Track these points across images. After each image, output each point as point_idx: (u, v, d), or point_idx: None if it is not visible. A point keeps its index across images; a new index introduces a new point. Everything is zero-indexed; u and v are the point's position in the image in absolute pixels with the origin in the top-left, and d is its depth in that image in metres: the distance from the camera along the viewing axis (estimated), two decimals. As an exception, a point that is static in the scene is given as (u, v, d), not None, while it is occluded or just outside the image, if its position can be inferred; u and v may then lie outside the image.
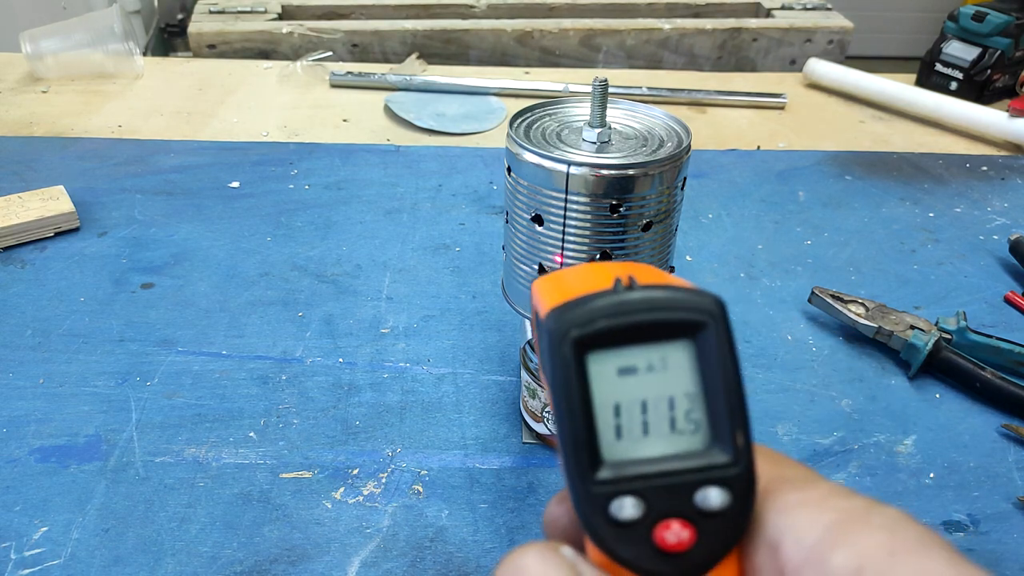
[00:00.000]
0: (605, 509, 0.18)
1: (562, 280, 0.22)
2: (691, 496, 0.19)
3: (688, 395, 0.19)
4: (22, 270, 0.62)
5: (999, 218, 0.74)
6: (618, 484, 0.19)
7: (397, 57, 1.18)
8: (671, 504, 0.19)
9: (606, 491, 0.18)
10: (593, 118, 0.36)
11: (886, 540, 0.17)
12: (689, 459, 0.19)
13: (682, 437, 0.19)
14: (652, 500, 0.19)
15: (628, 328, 0.19)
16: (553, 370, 0.19)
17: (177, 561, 0.40)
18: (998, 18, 0.93)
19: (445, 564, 0.41)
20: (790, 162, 0.84)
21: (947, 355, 0.53)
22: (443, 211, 0.73)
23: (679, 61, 1.22)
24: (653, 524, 0.18)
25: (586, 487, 0.19)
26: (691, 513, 0.19)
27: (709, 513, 0.18)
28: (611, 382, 0.19)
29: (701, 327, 0.19)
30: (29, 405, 0.49)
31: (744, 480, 0.19)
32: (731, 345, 0.19)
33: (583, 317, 0.19)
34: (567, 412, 0.19)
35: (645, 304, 0.19)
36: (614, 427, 0.19)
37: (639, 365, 0.19)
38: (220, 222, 0.70)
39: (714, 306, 0.19)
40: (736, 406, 0.19)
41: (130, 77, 1.01)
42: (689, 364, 0.19)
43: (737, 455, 0.19)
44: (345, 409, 0.50)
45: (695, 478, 0.19)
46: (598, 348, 0.19)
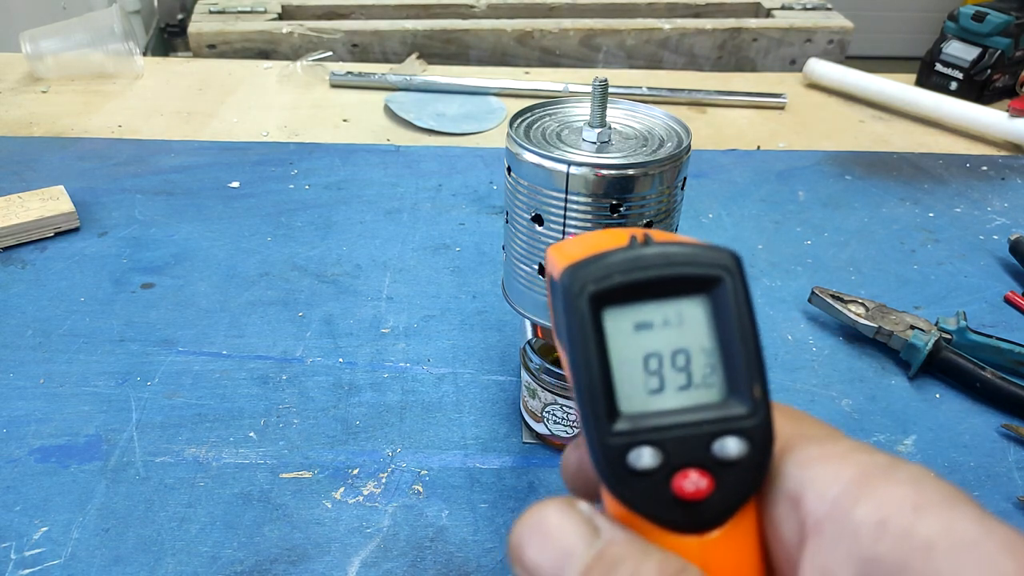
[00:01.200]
0: (623, 459, 0.19)
1: (577, 242, 0.22)
2: (708, 446, 0.19)
3: (704, 349, 0.20)
4: (22, 270, 0.62)
5: (999, 218, 0.74)
6: (636, 435, 0.19)
7: (397, 57, 1.18)
8: (689, 454, 0.19)
9: (623, 442, 0.19)
10: (593, 118, 0.36)
11: (911, 494, 0.17)
12: (706, 411, 0.19)
13: (698, 390, 0.20)
14: (670, 450, 0.19)
15: (644, 283, 0.19)
16: (569, 326, 0.19)
17: (177, 561, 0.40)
18: (998, 18, 0.93)
19: (445, 564, 0.41)
20: (790, 162, 0.84)
21: (947, 355, 0.53)
22: (443, 211, 0.73)
23: (679, 61, 1.22)
24: (671, 474, 0.19)
25: (603, 438, 0.19)
26: (709, 463, 0.19)
27: (727, 463, 0.19)
28: (627, 337, 0.19)
29: (717, 282, 0.19)
30: (29, 405, 0.49)
31: (762, 431, 0.19)
32: (747, 299, 0.19)
33: (599, 273, 0.19)
34: (584, 366, 0.19)
35: (661, 259, 0.19)
36: (631, 381, 0.19)
37: (655, 320, 0.19)
38: (220, 222, 0.70)
39: (730, 261, 0.19)
40: (753, 359, 0.19)
41: (130, 77, 1.01)
42: (705, 319, 0.20)
43: (755, 406, 0.19)
44: (345, 409, 0.50)
45: (713, 428, 0.19)
46: (614, 304, 0.19)
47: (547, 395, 0.44)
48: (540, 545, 0.18)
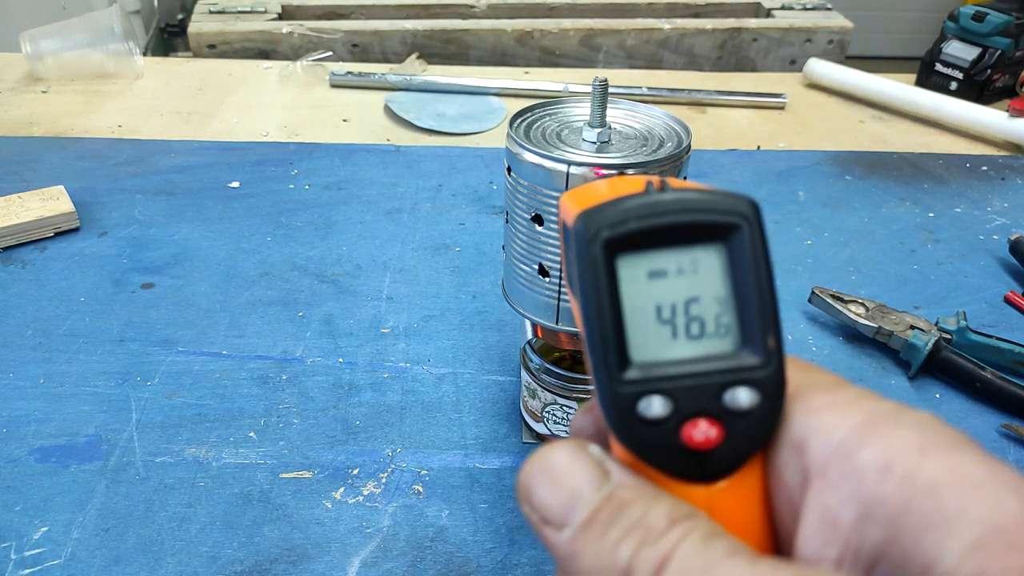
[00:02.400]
0: (633, 408, 0.18)
1: (592, 189, 0.22)
2: (720, 396, 0.19)
3: (718, 299, 0.19)
4: (22, 270, 0.62)
5: (999, 218, 0.74)
6: (646, 383, 0.19)
7: (397, 57, 1.18)
8: (699, 403, 0.19)
9: (634, 390, 0.18)
10: (593, 118, 0.36)
11: (916, 438, 0.17)
12: (718, 360, 0.19)
13: (711, 340, 0.19)
14: (680, 399, 0.19)
15: (659, 230, 0.19)
16: (582, 272, 0.19)
17: (177, 561, 0.40)
18: (998, 18, 0.93)
19: (445, 564, 0.41)
20: (790, 162, 0.84)
21: (947, 355, 0.53)
22: (443, 211, 0.73)
23: (679, 61, 1.22)
24: (680, 423, 0.18)
25: (613, 386, 0.18)
26: (719, 412, 0.19)
27: (737, 413, 0.19)
28: (641, 285, 0.19)
29: (735, 229, 0.19)
30: (29, 405, 0.49)
31: (774, 381, 0.19)
32: (765, 249, 0.19)
33: (614, 218, 0.18)
34: (596, 313, 0.19)
35: (678, 205, 0.19)
36: (643, 330, 0.19)
37: (669, 268, 0.19)
38: (220, 222, 0.70)
39: (749, 208, 0.19)
40: (768, 310, 0.19)
41: (130, 77, 1.01)
42: (720, 268, 0.19)
43: (768, 357, 0.19)
44: (345, 409, 0.50)
45: (724, 378, 0.19)
46: (628, 251, 0.19)
47: (547, 395, 0.44)
48: (549, 486, 0.18)
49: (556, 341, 0.41)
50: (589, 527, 0.17)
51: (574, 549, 0.17)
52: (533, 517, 0.18)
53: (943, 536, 0.15)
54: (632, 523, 0.17)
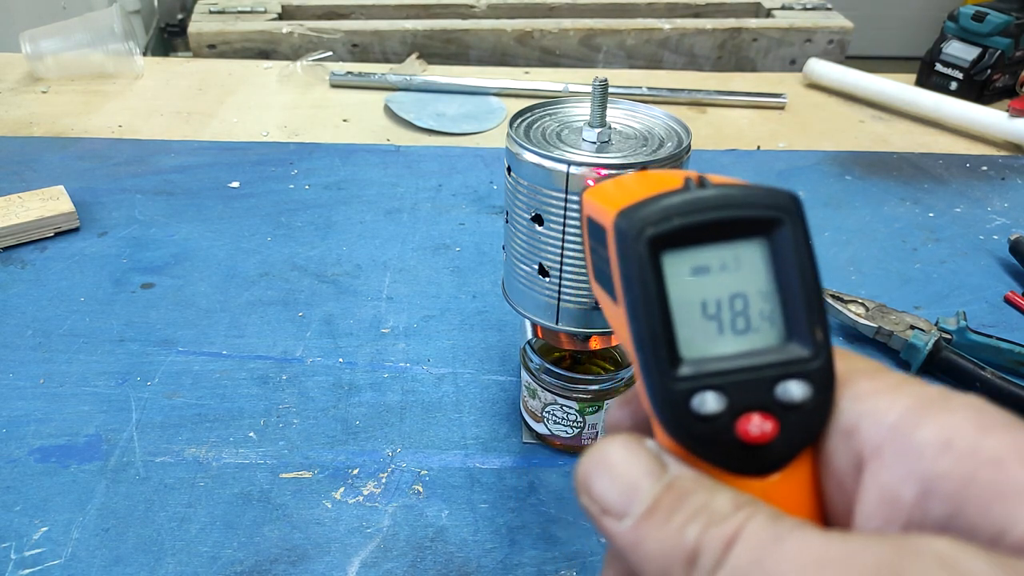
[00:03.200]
0: (686, 404, 0.18)
1: (620, 186, 0.22)
2: (772, 390, 0.19)
3: (762, 293, 0.19)
4: (22, 270, 0.62)
5: (999, 218, 0.74)
6: (699, 379, 0.19)
7: (397, 57, 1.18)
8: (753, 397, 0.19)
9: (687, 387, 0.19)
10: (593, 118, 0.36)
11: (972, 417, 0.17)
12: (768, 354, 0.19)
13: (757, 334, 0.19)
14: (733, 394, 0.19)
15: (703, 226, 0.19)
16: (627, 271, 0.19)
17: (177, 561, 0.40)
18: (998, 18, 0.93)
19: (445, 564, 0.41)
20: (790, 162, 0.84)
21: (947, 355, 0.53)
22: (443, 211, 0.73)
23: (679, 61, 1.22)
24: (735, 418, 0.19)
25: (666, 383, 0.19)
26: (772, 406, 0.19)
27: (790, 406, 0.19)
28: (685, 281, 0.19)
29: (778, 224, 0.19)
30: (29, 405, 0.49)
31: (825, 373, 0.19)
32: (808, 242, 0.19)
33: (657, 215, 0.19)
34: (644, 311, 0.19)
35: (722, 201, 0.19)
36: (689, 326, 0.19)
37: (712, 264, 0.19)
38: (220, 222, 0.70)
39: (790, 202, 0.19)
40: (814, 302, 0.19)
41: (130, 77, 1.01)
42: (762, 262, 0.19)
43: (817, 349, 0.19)
44: (345, 409, 0.50)
45: (776, 372, 0.19)
46: (672, 248, 0.19)
47: (547, 395, 0.44)
48: (608, 478, 0.19)
49: (556, 341, 0.41)
50: (652, 514, 0.18)
51: (637, 536, 0.18)
52: (593, 508, 0.19)
53: (1013, 505, 0.15)
54: (697, 508, 0.17)
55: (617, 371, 0.44)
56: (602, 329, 0.39)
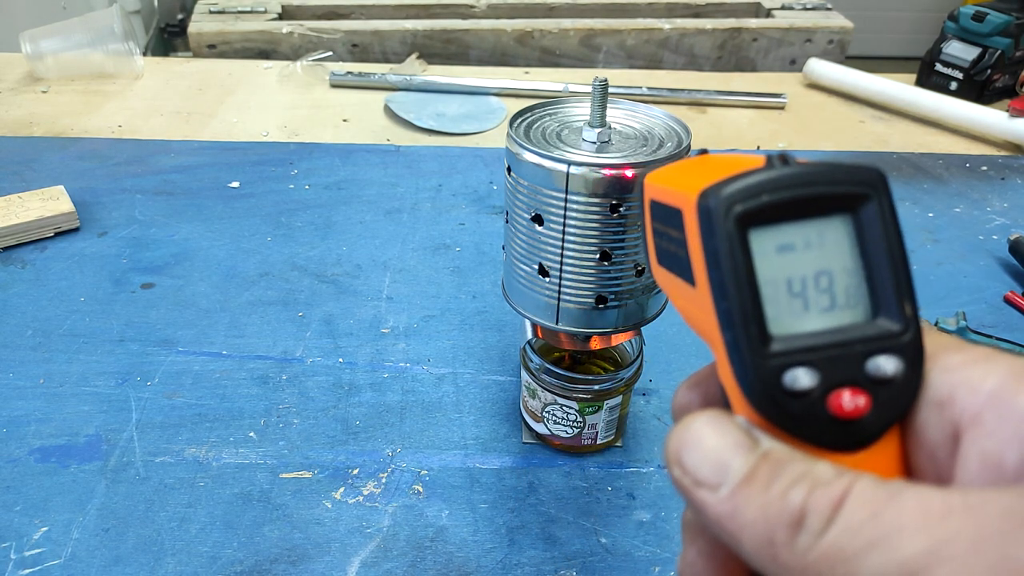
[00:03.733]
0: (778, 382, 0.19)
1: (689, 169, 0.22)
2: (863, 365, 0.19)
3: (846, 269, 0.20)
4: (22, 270, 0.62)
5: (999, 218, 0.74)
6: (791, 356, 0.19)
7: (397, 57, 1.18)
8: (844, 373, 0.19)
9: (779, 363, 0.19)
10: (593, 118, 0.36)
11: None
12: (857, 330, 0.19)
13: (843, 311, 0.20)
14: (825, 370, 0.19)
15: (791, 203, 0.19)
16: (715, 249, 0.19)
17: (177, 561, 0.40)
18: (998, 18, 0.93)
19: (445, 564, 0.41)
20: (790, 162, 0.84)
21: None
22: (443, 211, 0.73)
23: (679, 61, 1.22)
24: (826, 393, 0.19)
25: (758, 361, 0.19)
26: (864, 381, 0.19)
27: (882, 380, 0.19)
28: (772, 259, 0.19)
29: (864, 199, 0.19)
30: (29, 405, 0.49)
31: (915, 347, 0.19)
32: (895, 217, 0.19)
33: (745, 192, 0.19)
34: (735, 288, 0.19)
35: (810, 178, 0.19)
36: (777, 303, 0.19)
37: (797, 242, 0.19)
38: (220, 222, 0.70)
39: (877, 178, 0.19)
40: (903, 277, 0.19)
41: (130, 77, 1.01)
42: (847, 239, 0.20)
43: (906, 323, 0.19)
44: (345, 409, 0.50)
45: (867, 347, 0.19)
46: (759, 225, 0.19)
47: (547, 395, 0.44)
48: (700, 450, 0.19)
49: (556, 341, 0.41)
50: (750, 482, 0.18)
51: (734, 504, 0.18)
52: (685, 480, 0.19)
53: None
54: (798, 475, 0.17)
55: (617, 371, 0.44)
56: (602, 329, 0.39)
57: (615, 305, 0.38)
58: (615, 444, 0.48)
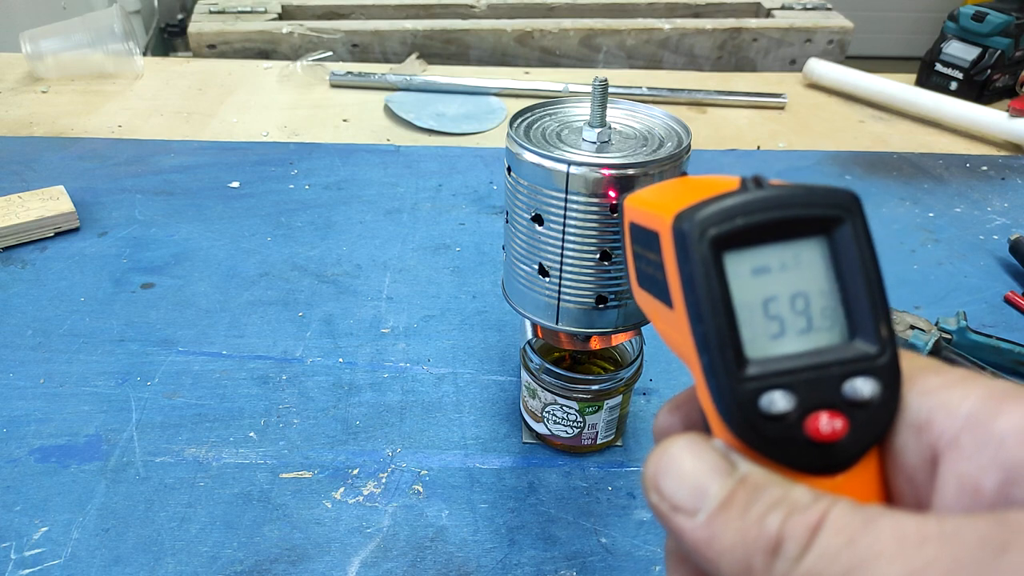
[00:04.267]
0: (755, 405, 0.18)
1: (667, 191, 0.22)
2: (840, 387, 0.19)
3: (822, 291, 0.20)
4: (22, 270, 0.62)
5: (999, 218, 0.74)
6: (767, 379, 0.19)
7: (397, 57, 1.18)
8: (821, 396, 0.19)
9: (755, 387, 0.18)
10: (593, 118, 0.36)
11: None
12: (833, 352, 0.19)
13: (820, 333, 0.19)
14: (802, 393, 0.19)
15: (765, 225, 0.19)
16: (690, 272, 0.19)
17: (177, 561, 0.40)
18: (998, 18, 0.93)
19: (445, 564, 0.41)
20: (790, 162, 0.84)
21: (947, 355, 0.53)
22: (443, 211, 0.73)
23: (679, 61, 1.22)
24: (803, 416, 0.19)
25: (733, 384, 0.19)
26: (841, 404, 0.19)
27: (859, 403, 0.19)
28: (747, 281, 0.19)
29: (838, 222, 0.19)
30: (29, 405, 0.49)
31: (891, 369, 0.19)
32: (869, 239, 0.19)
33: (719, 216, 0.19)
34: (710, 312, 0.19)
35: (783, 200, 0.19)
36: (753, 326, 0.19)
37: (772, 264, 0.19)
38: (220, 222, 0.70)
39: (851, 201, 0.19)
40: (879, 299, 0.19)
41: (130, 77, 1.01)
42: (822, 261, 0.20)
43: (883, 346, 0.19)
44: (345, 409, 0.50)
45: (843, 370, 0.19)
46: (733, 248, 0.19)
47: (547, 395, 0.44)
48: (678, 475, 0.19)
49: (556, 341, 0.41)
50: (727, 507, 0.18)
51: (711, 530, 0.18)
52: (662, 506, 0.19)
53: None
54: (774, 500, 0.17)
55: (617, 371, 0.44)
56: (602, 329, 0.39)
57: (615, 305, 0.38)
58: (615, 444, 0.48)
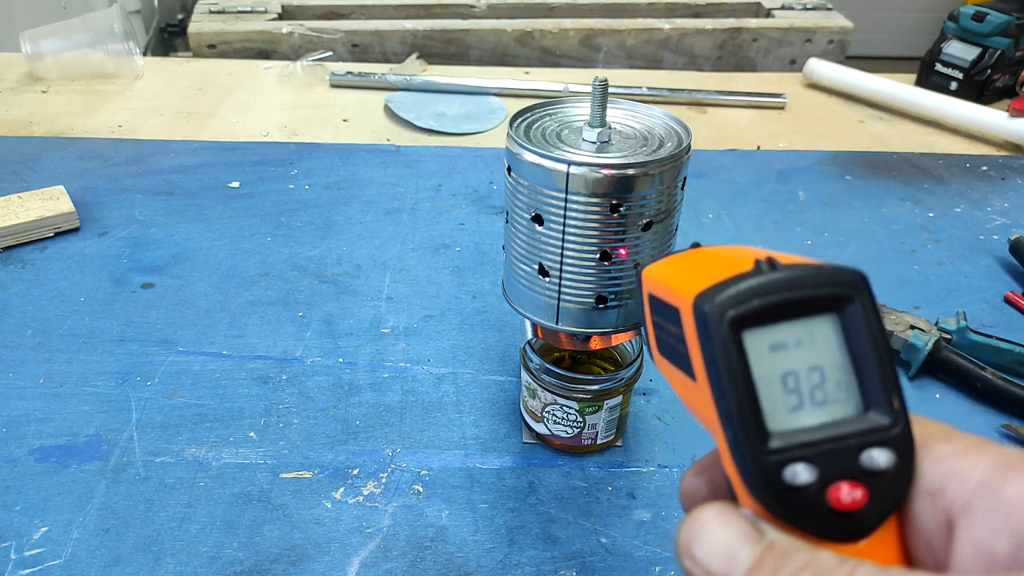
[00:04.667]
0: (779, 477, 0.19)
1: (684, 265, 0.23)
2: (857, 458, 0.20)
3: (836, 365, 0.21)
4: (22, 270, 0.62)
5: (999, 218, 0.74)
6: (789, 452, 0.20)
7: (397, 57, 1.18)
8: (840, 467, 0.20)
9: (778, 459, 0.19)
10: (593, 118, 0.36)
11: None
12: (850, 424, 0.20)
13: (836, 405, 0.20)
14: (822, 464, 0.20)
15: (780, 305, 0.20)
16: (713, 351, 0.20)
17: (177, 561, 0.40)
18: (998, 18, 0.93)
19: (445, 564, 0.41)
20: (790, 162, 0.84)
21: (947, 355, 0.53)
22: (443, 211, 0.73)
23: (679, 61, 1.22)
24: (825, 487, 0.20)
25: (758, 458, 0.20)
26: (859, 474, 0.20)
27: (876, 473, 0.20)
28: (765, 357, 0.20)
29: (848, 300, 0.20)
30: (29, 405, 0.49)
31: (905, 439, 0.20)
32: (878, 315, 0.20)
33: (737, 298, 0.20)
34: (732, 388, 0.20)
35: (795, 282, 0.20)
36: (773, 400, 0.20)
37: (788, 340, 0.20)
38: (220, 222, 0.70)
39: (858, 280, 0.20)
40: (888, 372, 0.20)
41: (130, 77, 1.01)
42: (835, 336, 0.21)
43: (895, 417, 0.20)
44: (345, 409, 0.50)
45: (860, 441, 0.20)
46: (751, 326, 0.20)
47: (547, 395, 0.44)
48: (708, 541, 0.20)
49: (556, 341, 0.41)
50: (757, 571, 0.19)
51: None
52: (696, 571, 0.20)
53: None
54: (801, 564, 0.18)
55: (617, 371, 0.44)
56: (602, 329, 0.39)
57: (615, 305, 0.38)
58: (615, 444, 0.48)
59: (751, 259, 0.21)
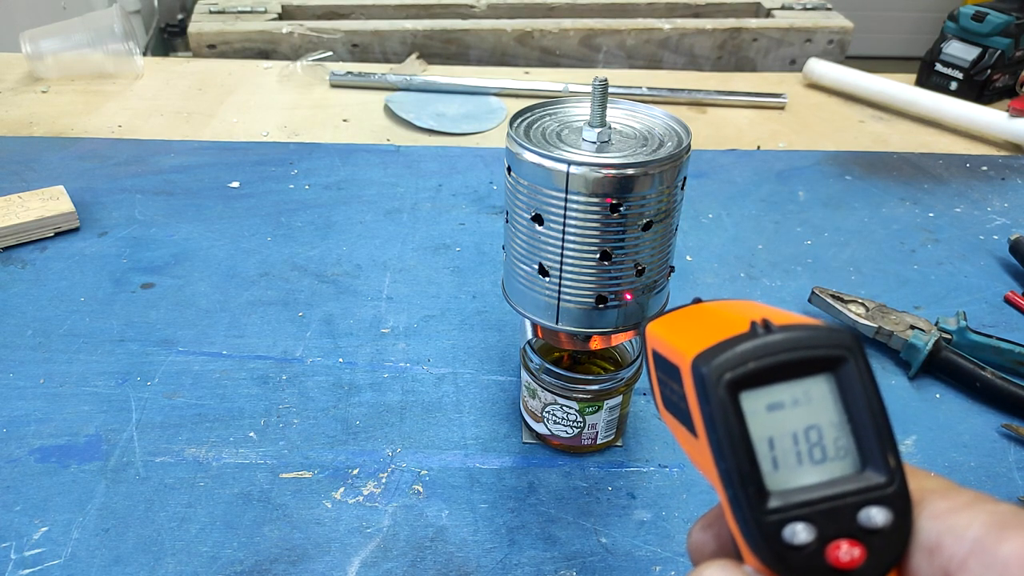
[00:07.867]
0: (778, 536, 0.20)
1: (686, 323, 0.24)
2: (855, 517, 0.20)
3: (833, 424, 0.21)
4: (22, 270, 0.62)
5: (999, 218, 0.74)
6: (788, 511, 0.20)
7: (397, 57, 1.18)
8: (839, 525, 0.20)
9: (778, 519, 0.20)
10: (593, 118, 0.36)
11: None
12: (847, 483, 0.20)
13: (833, 463, 0.21)
14: (821, 523, 0.20)
15: (776, 367, 0.20)
16: (711, 413, 0.20)
17: (177, 561, 0.40)
18: (998, 18, 0.93)
19: (445, 564, 0.41)
20: (790, 162, 0.84)
21: (947, 355, 0.53)
22: (443, 211, 0.73)
23: (679, 61, 1.22)
24: (824, 545, 0.20)
25: (758, 517, 0.20)
26: (857, 532, 0.20)
27: (874, 531, 0.20)
28: (763, 418, 0.21)
29: (842, 361, 0.21)
30: (29, 405, 0.49)
31: (902, 497, 0.20)
32: (871, 375, 0.21)
33: (734, 361, 0.20)
34: (731, 449, 0.20)
35: (790, 344, 0.20)
36: (771, 459, 0.21)
37: (785, 400, 0.21)
38: (220, 222, 0.70)
39: (851, 341, 0.21)
40: (884, 430, 0.21)
41: (130, 77, 1.01)
42: (831, 395, 0.21)
43: (892, 475, 0.20)
44: (345, 409, 0.50)
45: (857, 499, 0.20)
46: (748, 388, 0.20)
47: (547, 395, 0.44)
48: None
49: (556, 341, 0.41)
50: None
51: None
52: None
53: None
54: None
55: (617, 371, 0.44)
56: (602, 329, 0.39)
57: (615, 305, 0.38)
58: (615, 444, 0.48)
59: (748, 320, 0.21)
